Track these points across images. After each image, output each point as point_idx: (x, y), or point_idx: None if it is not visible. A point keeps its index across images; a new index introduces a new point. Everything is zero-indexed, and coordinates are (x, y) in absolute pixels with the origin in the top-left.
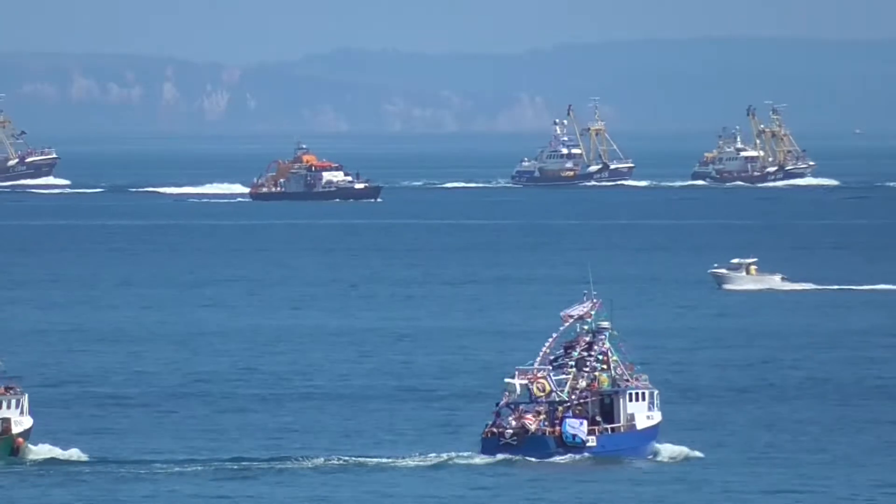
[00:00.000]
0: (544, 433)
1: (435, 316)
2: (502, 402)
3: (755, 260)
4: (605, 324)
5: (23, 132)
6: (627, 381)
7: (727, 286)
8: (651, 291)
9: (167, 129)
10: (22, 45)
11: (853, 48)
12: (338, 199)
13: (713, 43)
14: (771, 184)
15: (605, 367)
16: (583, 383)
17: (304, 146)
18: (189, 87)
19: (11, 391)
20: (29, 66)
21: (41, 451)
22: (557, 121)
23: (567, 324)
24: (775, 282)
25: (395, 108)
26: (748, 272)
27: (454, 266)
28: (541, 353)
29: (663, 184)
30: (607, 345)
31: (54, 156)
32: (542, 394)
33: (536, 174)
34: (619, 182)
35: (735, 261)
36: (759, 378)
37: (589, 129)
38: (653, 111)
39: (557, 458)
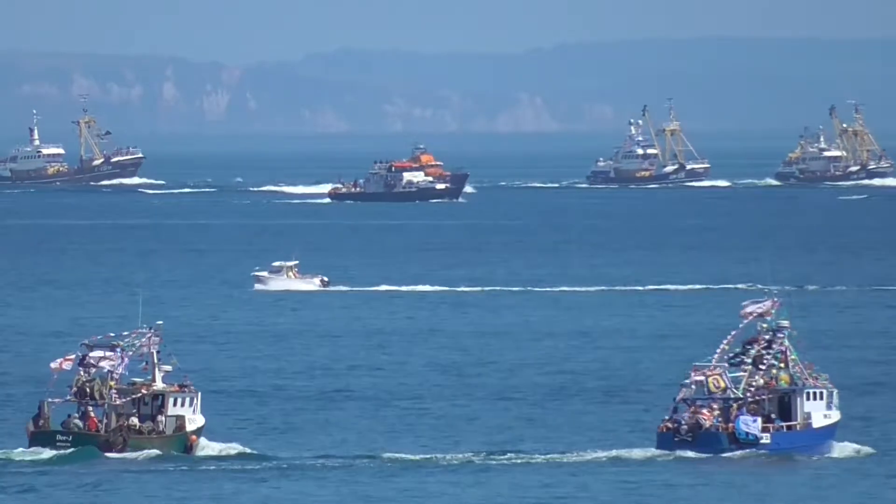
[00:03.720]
0: (718, 429)
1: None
2: (678, 398)
3: (296, 263)
4: (785, 322)
5: (108, 132)
6: (807, 379)
7: (262, 287)
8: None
9: (169, 130)
10: (22, 45)
11: (853, 48)
12: (418, 201)
13: (714, 43)
14: (852, 182)
15: (782, 365)
16: (760, 381)
17: (421, 146)
18: (189, 87)
19: (185, 389)
20: (29, 66)
21: (215, 447)
22: (632, 121)
23: (747, 321)
24: (314, 284)
25: (395, 108)
26: (289, 275)
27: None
28: (719, 350)
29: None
30: (786, 343)
31: (140, 155)
32: (718, 390)
33: (612, 174)
34: (694, 182)
35: (276, 263)
36: None
37: (664, 129)
38: (653, 111)
39: (730, 455)
